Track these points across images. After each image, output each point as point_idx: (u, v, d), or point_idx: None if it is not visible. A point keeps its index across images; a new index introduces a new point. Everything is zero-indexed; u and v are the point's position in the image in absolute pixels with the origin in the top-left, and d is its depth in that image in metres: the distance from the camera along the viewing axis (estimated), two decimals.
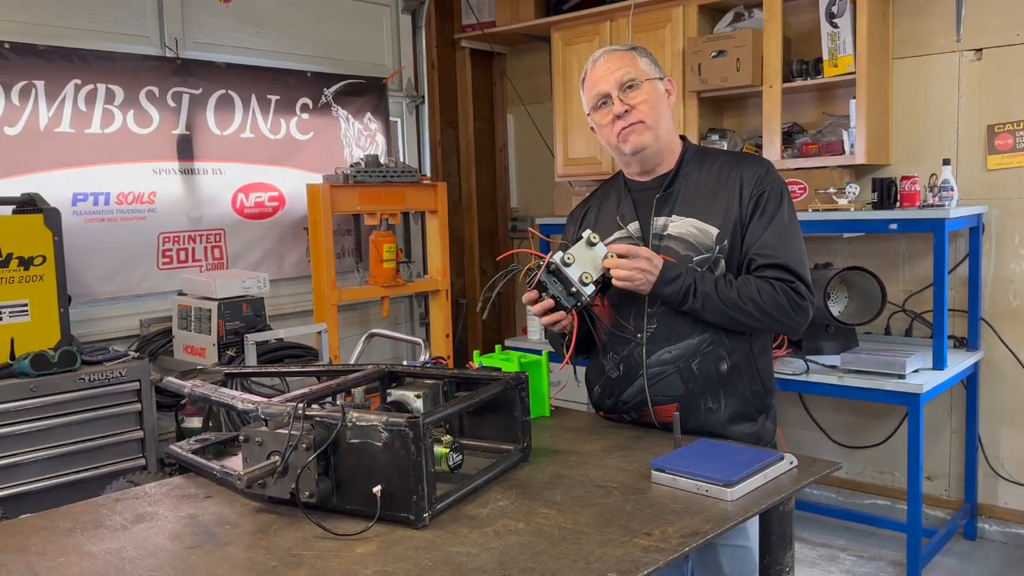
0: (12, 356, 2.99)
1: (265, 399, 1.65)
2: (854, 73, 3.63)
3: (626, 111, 1.96)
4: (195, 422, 3.40)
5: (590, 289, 1.82)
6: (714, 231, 1.93)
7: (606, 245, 1.89)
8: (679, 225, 1.96)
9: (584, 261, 1.83)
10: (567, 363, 1.95)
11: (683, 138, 2.10)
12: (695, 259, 1.92)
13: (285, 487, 1.51)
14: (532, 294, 1.87)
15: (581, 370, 2.14)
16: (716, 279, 1.89)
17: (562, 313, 1.86)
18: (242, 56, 4.14)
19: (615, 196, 2.11)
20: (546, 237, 1.88)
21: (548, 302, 1.84)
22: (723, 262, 1.92)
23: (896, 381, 3.24)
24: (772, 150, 3.85)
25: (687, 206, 1.97)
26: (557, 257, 1.81)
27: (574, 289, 1.82)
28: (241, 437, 1.58)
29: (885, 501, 4.02)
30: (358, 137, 4.65)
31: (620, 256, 1.84)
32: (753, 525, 1.76)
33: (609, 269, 1.84)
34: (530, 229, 2.07)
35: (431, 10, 5.02)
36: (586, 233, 1.84)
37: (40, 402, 2.94)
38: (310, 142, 4.42)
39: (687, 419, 1.90)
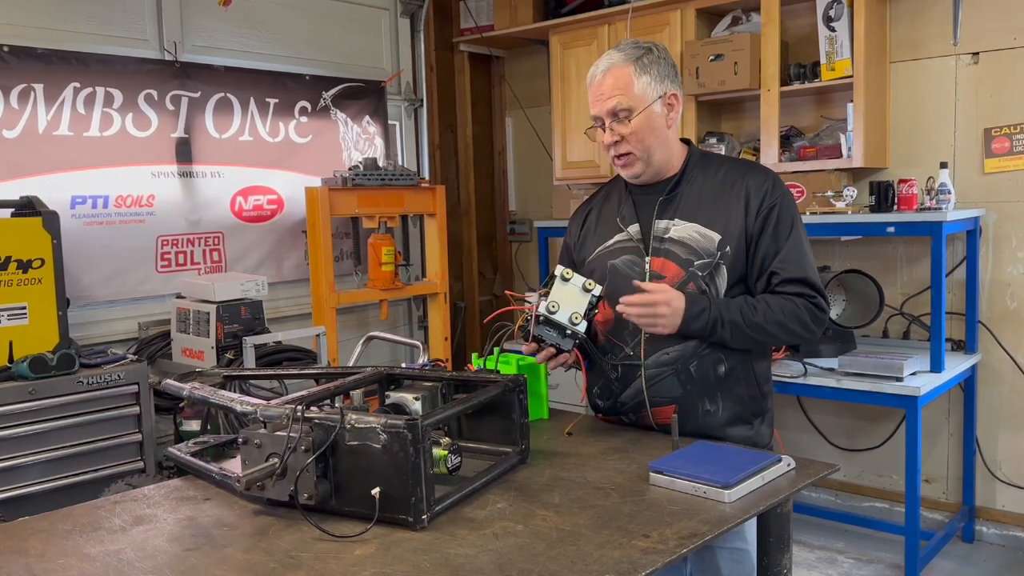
0: (10, 359, 2.99)
1: (264, 401, 1.65)
2: (852, 77, 3.64)
3: (615, 141, 1.96)
4: (193, 425, 3.40)
5: (583, 326, 1.86)
6: (716, 237, 1.93)
7: (605, 249, 1.90)
8: (681, 229, 1.96)
9: (568, 300, 1.86)
10: (584, 398, 2.06)
11: (688, 142, 2.09)
12: (695, 263, 1.93)
13: (284, 489, 1.51)
14: (532, 346, 1.91)
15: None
16: (740, 306, 1.89)
17: (566, 354, 1.92)
18: (241, 59, 4.14)
19: (616, 197, 2.11)
20: (521, 295, 1.93)
21: (549, 350, 1.90)
22: (724, 269, 1.93)
23: (894, 384, 3.25)
24: (770, 153, 3.86)
25: (690, 211, 1.97)
26: (542, 308, 1.86)
27: (568, 331, 1.86)
28: (240, 439, 1.58)
29: (883, 504, 4.03)
30: (357, 140, 4.66)
31: (640, 303, 1.86)
32: (751, 528, 1.77)
33: (595, 293, 1.86)
34: (507, 293, 2.10)
35: (430, 14, 5.03)
36: (558, 270, 1.88)
37: (38, 405, 2.93)
38: (309, 145, 4.43)
39: (685, 421, 1.91)
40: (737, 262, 1.94)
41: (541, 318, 1.86)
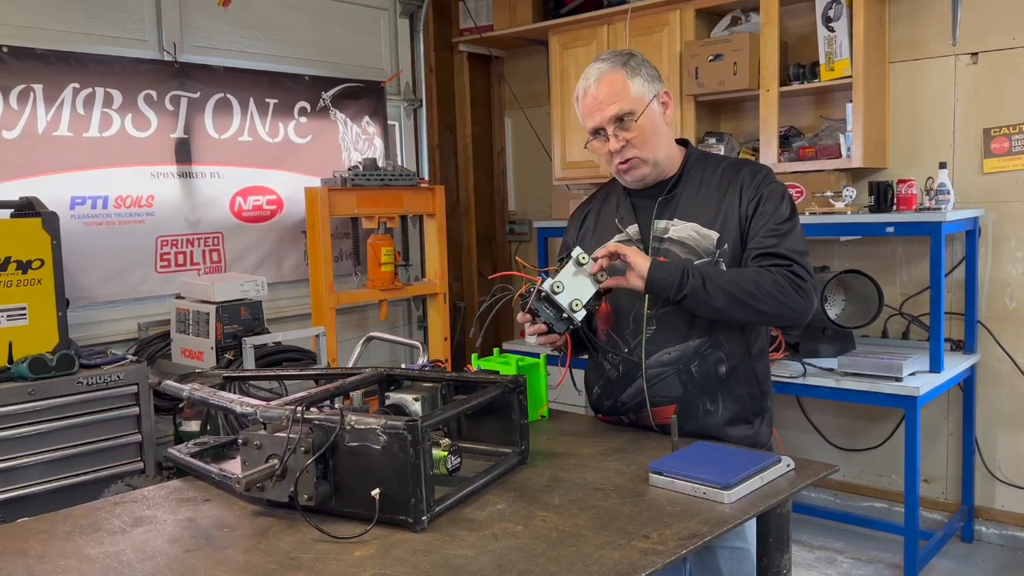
0: (10, 359, 2.99)
1: (264, 402, 1.65)
2: (851, 77, 3.65)
3: (622, 147, 1.95)
4: (193, 425, 3.40)
5: (581, 315, 1.84)
6: (715, 235, 1.94)
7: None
8: (680, 229, 1.97)
9: (573, 286, 1.84)
10: (562, 382, 2.01)
11: (686, 143, 2.09)
12: (696, 263, 1.93)
13: (284, 490, 1.51)
14: (526, 317, 1.89)
15: (579, 379, 2.16)
16: (711, 267, 1.89)
17: (556, 335, 1.89)
18: (240, 60, 4.14)
19: (615, 198, 2.12)
20: (536, 268, 1.91)
21: (541, 326, 1.87)
22: (724, 267, 1.93)
23: (893, 384, 3.25)
24: (769, 154, 3.86)
25: (689, 211, 1.98)
26: (547, 285, 1.84)
27: (565, 315, 1.84)
28: (240, 440, 1.58)
29: (882, 504, 4.03)
30: (356, 140, 4.66)
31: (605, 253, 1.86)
32: (751, 527, 1.77)
33: (601, 282, 1.86)
34: (519, 260, 2.09)
35: (429, 14, 5.03)
36: (575, 252, 1.85)
37: (38, 406, 2.93)
38: (308, 145, 4.43)
39: (685, 421, 1.91)
40: (735, 258, 1.94)
41: (543, 294, 1.84)
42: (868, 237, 3.83)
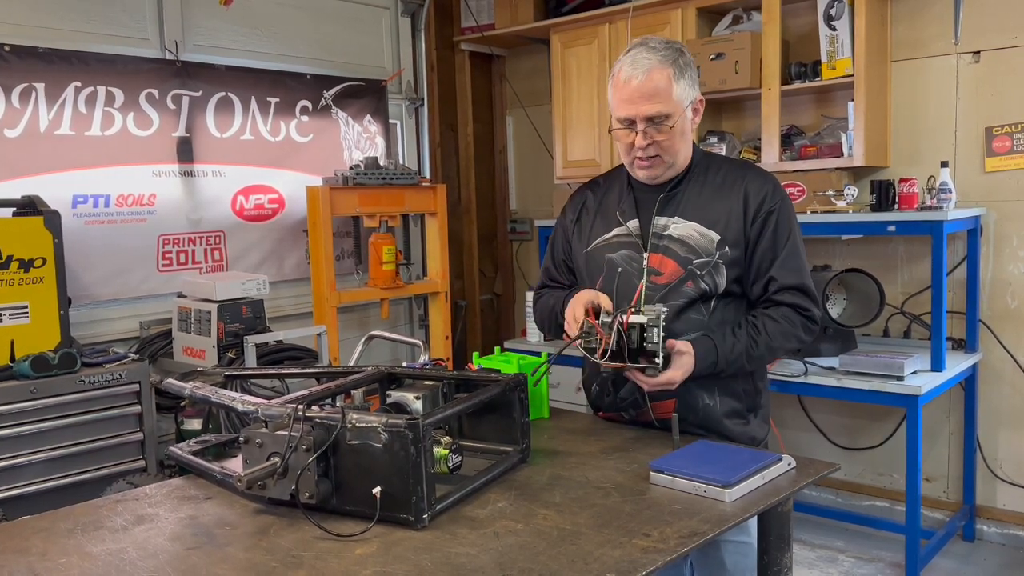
0: (12, 358, 2.99)
1: (265, 401, 1.66)
2: (852, 76, 3.64)
3: (648, 144, 1.93)
4: (195, 424, 3.40)
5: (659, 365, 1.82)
6: (716, 237, 1.95)
7: (603, 243, 1.99)
8: (681, 228, 1.98)
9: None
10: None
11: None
12: (695, 262, 1.94)
13: (285, 488, 1.52)
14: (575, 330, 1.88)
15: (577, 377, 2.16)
16: (747, 345, 1.91)
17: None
18: (242, 58, 4.14)
19: (617, 189, 2.11)
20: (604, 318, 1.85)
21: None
22: (724, 268, 1.94)
23: (895, 383, 3.25)
24: (771, 152, 3.86)
25: (691, 210, 1.99)
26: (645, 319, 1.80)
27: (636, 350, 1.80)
28: (241, 439, 1.59)
29: (884, 503, 4.03)
30: (357, 139, 4.66)
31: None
32: (754, 521, 1.77)
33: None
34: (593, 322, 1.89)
35: (430, 13, 5.03)
36: (662, 313, 1.80)
37: (40, 404, 2.93)
38: (310, 144, 4.43)
39: (686, 414, 1.92)
40: (736, 262, 1.96)
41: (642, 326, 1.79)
42: (869, 236, 3.83)
